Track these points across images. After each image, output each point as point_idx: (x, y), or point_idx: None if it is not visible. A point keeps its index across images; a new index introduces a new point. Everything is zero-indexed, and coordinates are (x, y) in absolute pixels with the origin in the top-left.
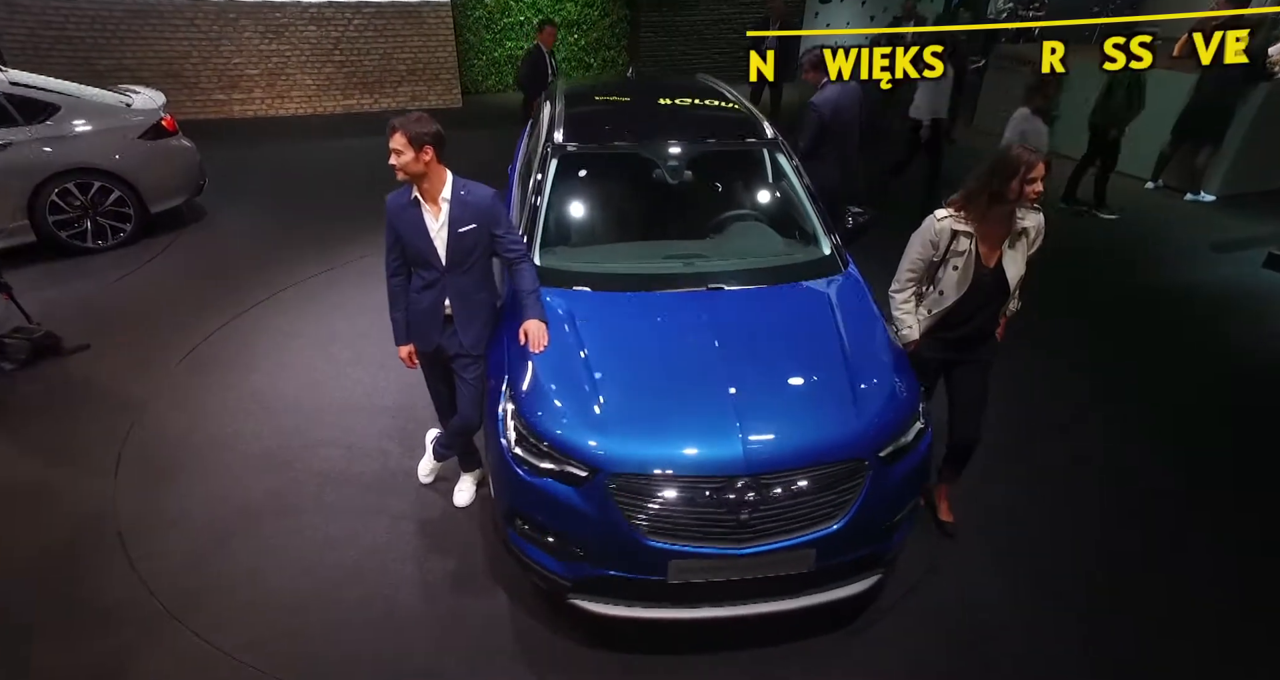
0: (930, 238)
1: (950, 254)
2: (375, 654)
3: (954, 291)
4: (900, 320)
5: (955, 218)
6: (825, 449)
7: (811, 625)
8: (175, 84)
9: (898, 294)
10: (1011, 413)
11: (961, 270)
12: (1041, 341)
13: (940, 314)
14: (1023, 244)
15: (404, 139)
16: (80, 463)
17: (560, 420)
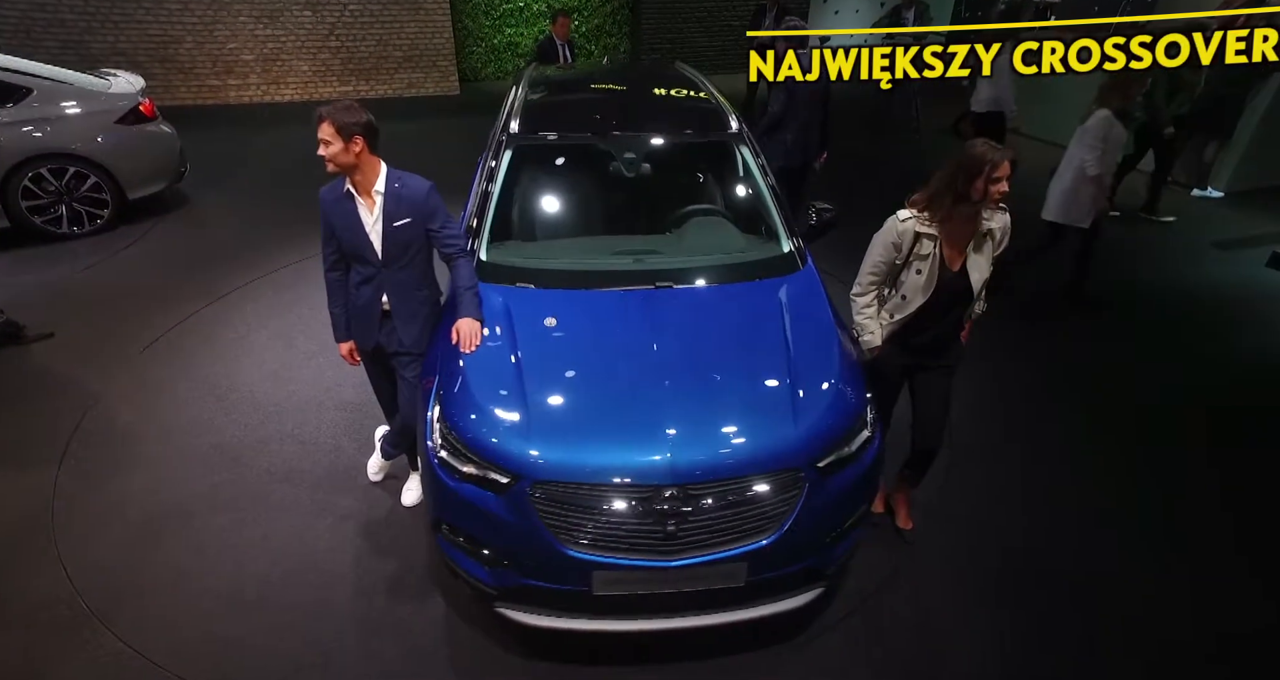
0: (892, 240)
1: (913, 257)
2: (297, 660)
3: (917, 296)
4: (862, 325)
5: (918, 219)
6: (758, 459)
7: (753, 639)
8: (169, 69)
9: (859, 298)
10: (989, 414)
11: (925, 274)
12: (1021, 344)
13: (904, 320)
14: (988, 246)
15: (331, 129)
16: (26, 453)
17: (483, 424)
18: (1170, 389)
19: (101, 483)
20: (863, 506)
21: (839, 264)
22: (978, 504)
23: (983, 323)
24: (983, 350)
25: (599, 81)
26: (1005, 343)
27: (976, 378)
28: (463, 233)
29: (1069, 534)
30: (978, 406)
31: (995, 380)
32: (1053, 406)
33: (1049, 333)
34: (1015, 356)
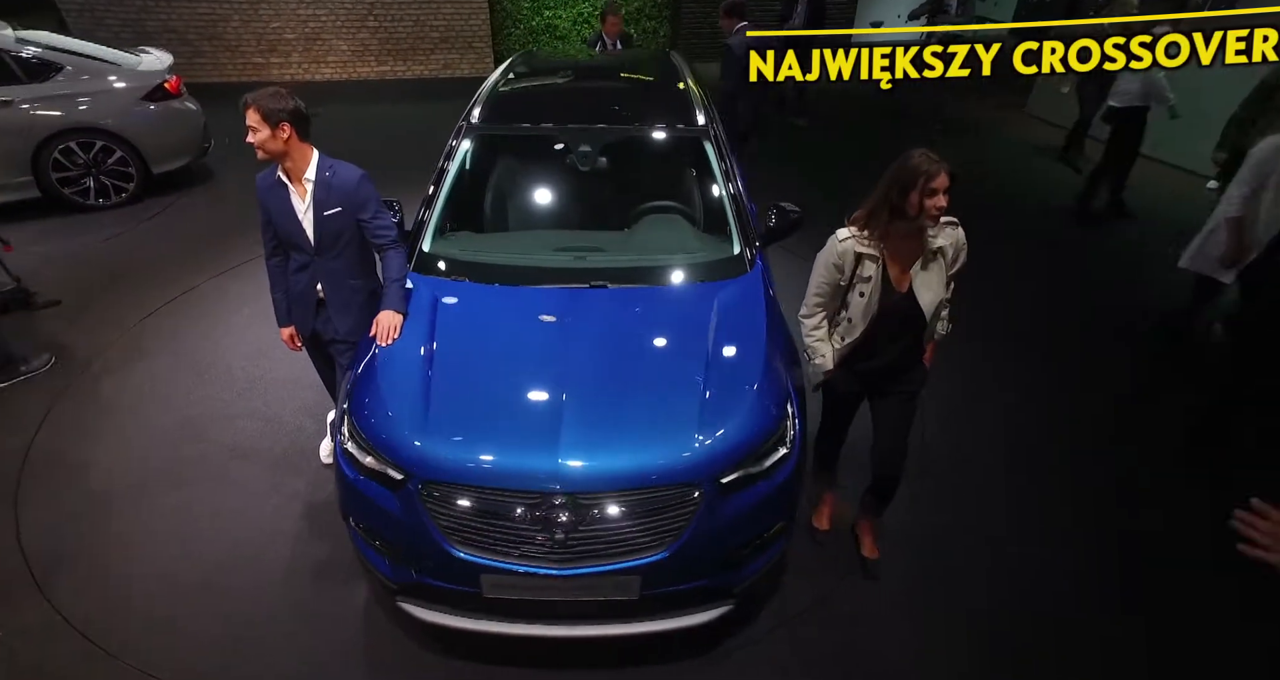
0: (833, 260)
1: (856, 279)
2: (216, 639)
3: (861, 320)
4: (812, 348)
5: (858, 238)
6: (652, 471)
7: (665, 650)
8: (217, 46)
9: (807, 320)
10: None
11: (868, 297)
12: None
13: (852, 344)
14: (938, 264)
15: (257, 116)
16: (10, 416)
17: (383, 420)
18: (1160, 412)
19: (73, 450)
20: (778, 524)
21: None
22: (938, 529)
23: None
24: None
25: (579, 72)
26: (960, 362)
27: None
28: (394, 224)
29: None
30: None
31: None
32: (1010, 426)
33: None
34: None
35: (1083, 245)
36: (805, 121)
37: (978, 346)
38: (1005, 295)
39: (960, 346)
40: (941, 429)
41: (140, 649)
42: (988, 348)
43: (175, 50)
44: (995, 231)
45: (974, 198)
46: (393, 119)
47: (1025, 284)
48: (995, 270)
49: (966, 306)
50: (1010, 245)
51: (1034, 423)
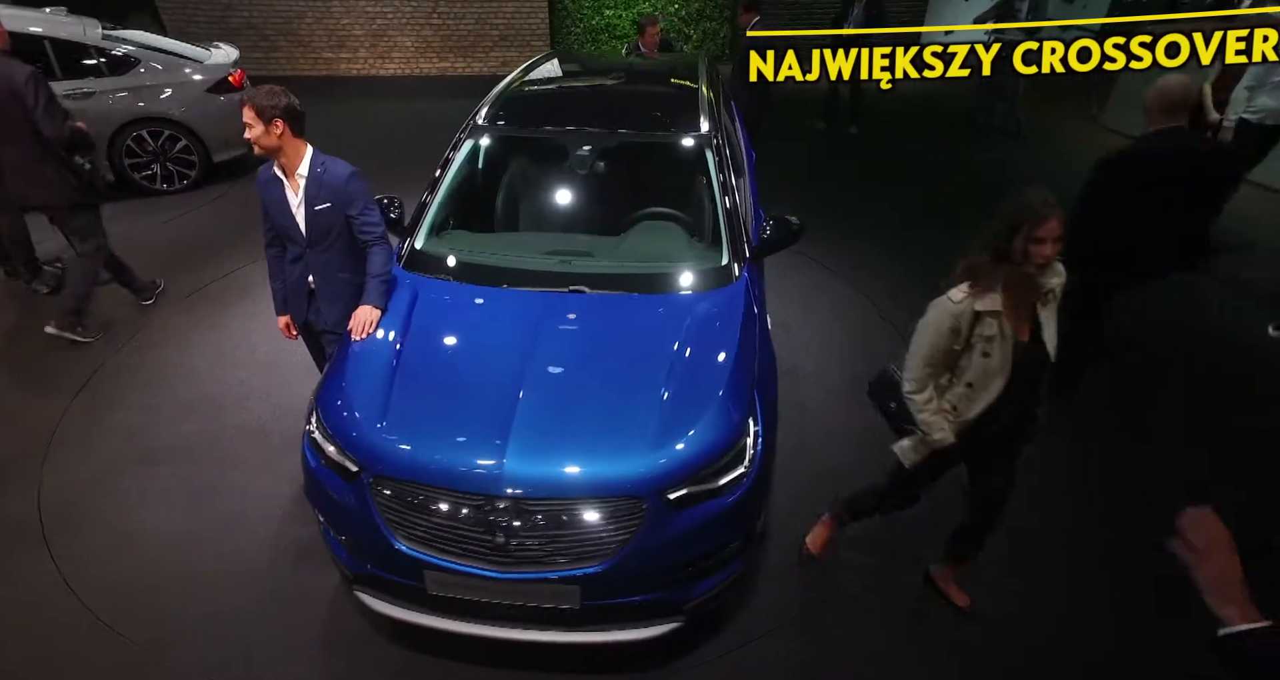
0: (948, 325)
1: (976, 339)
2: (189, 608)
3: (991, 382)
4: (928, 424)
5: (974, 296)
6: (597, 482)
7: (615, 662)
8: (291, 42)
9: (916, 396)
10: None
11: (998, 357)
12: None
13: (979, 410)
14: (1051, 303)
15: (252, 112)
16: (54, 382)
17: (344, 412)
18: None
19: (103, 417)
20: (731, 544)
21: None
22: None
23: None
24: None
25: (596, 74)
26: None
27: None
28: (380, 221)
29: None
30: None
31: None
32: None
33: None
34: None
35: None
36: (857, 128)
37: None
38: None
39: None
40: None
41: (119, 610)
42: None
43: (254, 45)
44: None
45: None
46: (449, 115)
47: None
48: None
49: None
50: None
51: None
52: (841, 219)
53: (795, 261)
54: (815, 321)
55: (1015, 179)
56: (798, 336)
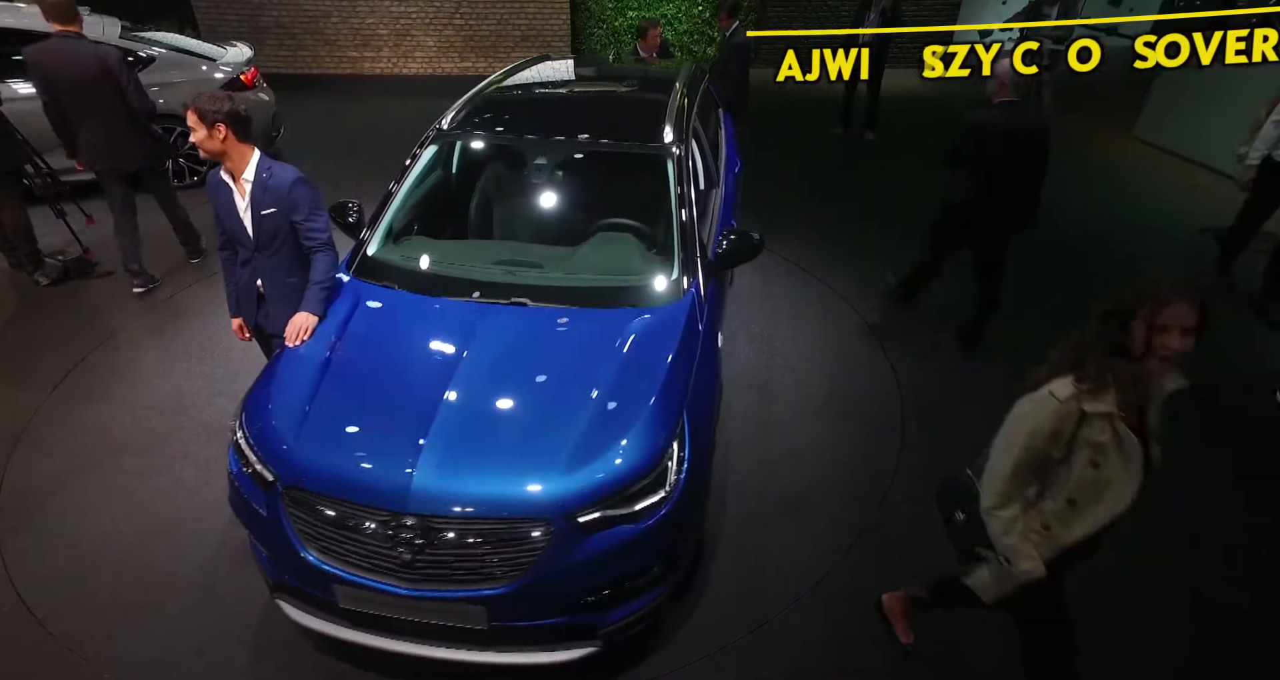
0: (1050, 427)
1: (1081, 445)
2: (121, 603)
3: (1100, 499)
4: (1013, 550)
5: (1084, 393)
6: (504, 502)
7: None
8: (318, 40)
9: (1000, 512)
10: None
11: (1109, 467)
12: None
13: (1082, 537)
14: (1158, 405)
15: (194, 117)
16: (34, 374)
17: (266, 420)
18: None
19: (76, 411)
20: (651, 570)
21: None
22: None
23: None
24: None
25: (574, 81)
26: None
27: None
28: (326, 227)
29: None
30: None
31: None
32: None
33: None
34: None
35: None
36: (873, 134)
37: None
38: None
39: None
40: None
41: (52, 603)
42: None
43: (281, 43)
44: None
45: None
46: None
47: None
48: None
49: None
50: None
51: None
52: (843, 230)
53: (787, 271)
54: (801, 335)
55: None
56: (779, 349)
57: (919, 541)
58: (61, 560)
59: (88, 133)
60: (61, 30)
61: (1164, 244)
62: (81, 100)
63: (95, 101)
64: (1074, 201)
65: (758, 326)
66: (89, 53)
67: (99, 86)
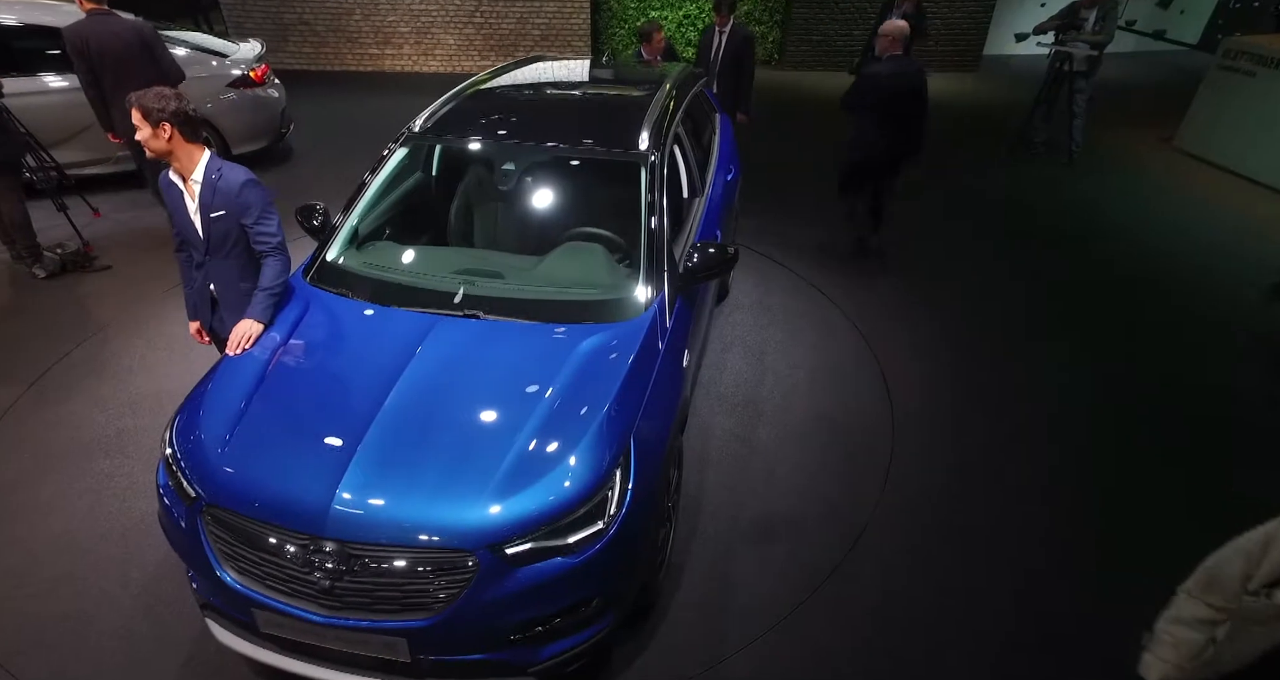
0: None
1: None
2: (59, 617)
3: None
4: (1164, 645)
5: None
6: (425, 529)
7: None
8: (340, 37)
9: (1185, 600)
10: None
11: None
12: None
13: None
14: None
15: (139, 114)
16: (11, 369)
17: (192, 433)
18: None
19: (51, 409)
20: (590, 604)
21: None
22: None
23: None
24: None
25: (558, 83)
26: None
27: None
28: (277, 231)
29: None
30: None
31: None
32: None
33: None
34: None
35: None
36: None
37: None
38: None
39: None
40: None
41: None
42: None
43: (304, 40)
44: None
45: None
46: None
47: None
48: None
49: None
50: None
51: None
52: (852, 246)
53: (791, 284)
54: (796, 353)
55: (1067, 208)
56: (771, 366)
57: (891, 587)
58: (10, 561)
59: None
60: (93, 9)
61: (1207, 259)
62: (121, 73)
63: (133, 73)
64: (1115, 211)
65: (751, 339)
66: (127, 26)
67: (137, 59)
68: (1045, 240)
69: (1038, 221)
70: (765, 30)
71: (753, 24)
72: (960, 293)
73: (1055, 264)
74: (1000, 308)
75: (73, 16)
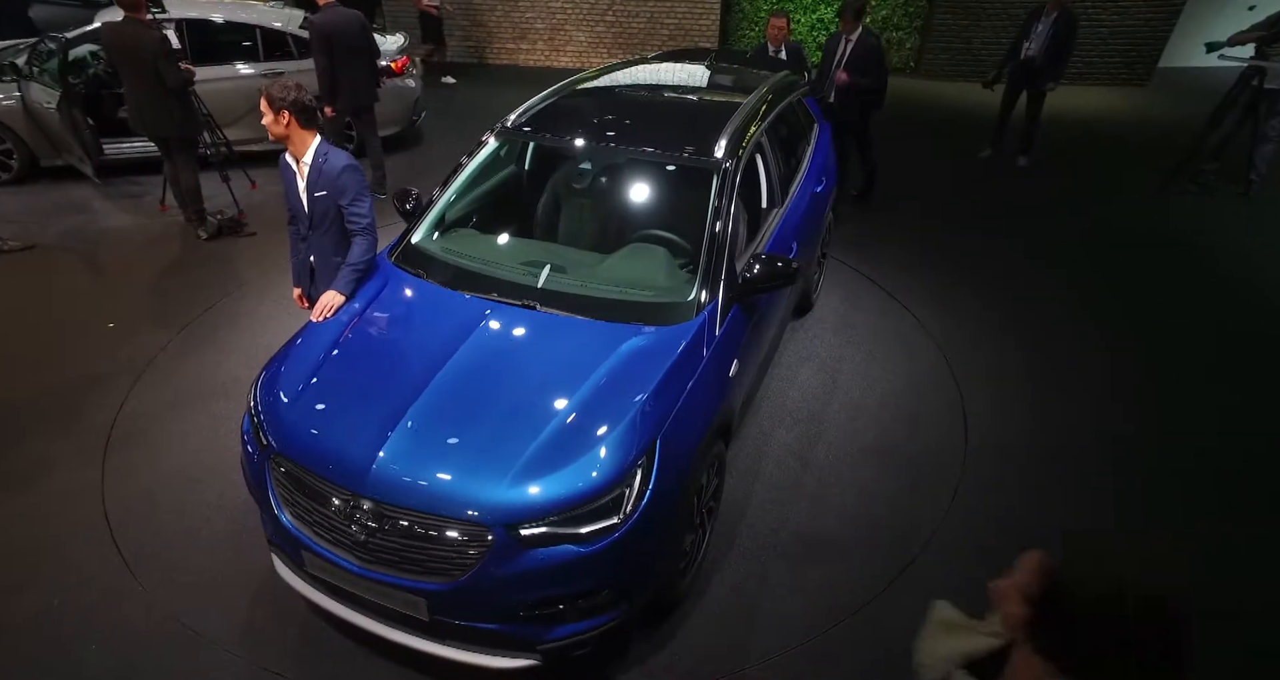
0: None
1: None
2: (180, 534)
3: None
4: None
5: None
6: (450, 502)
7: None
8: (481, 33)
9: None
10: None
11: None
12: None
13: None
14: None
15: (264, 102)
16: (167, 315)
17: (271, 389)
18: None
19: (191, 354)
20: (600, 594)
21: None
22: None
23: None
24: None
25: (652, 83)
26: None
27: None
28: (367, 213)
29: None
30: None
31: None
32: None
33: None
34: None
35: None
36: (1027, 160)
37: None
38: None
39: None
40: None
41: (126, 517)
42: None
43: (449, 33)
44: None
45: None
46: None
47: None
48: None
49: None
50: None
51: None
52: (957, 267)
53: (880, 303)
54: (872, 374)
55: (1235, 245)
56: (843, 385)
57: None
58: (144, 481)
59: (348, 81)
60: (327, 2)
61: None
62: (348, 55)
63: (357, 54)
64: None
65: (827, 355)
66: (351, 15)
67: (359, 42)
68: (1201, 283)
69: (1195, 260)
70: (903, 36)
71: (890, 30)
72: (1075, 336)
73: (1209, 311)
74: (1123, 360)
75: (266, 15)
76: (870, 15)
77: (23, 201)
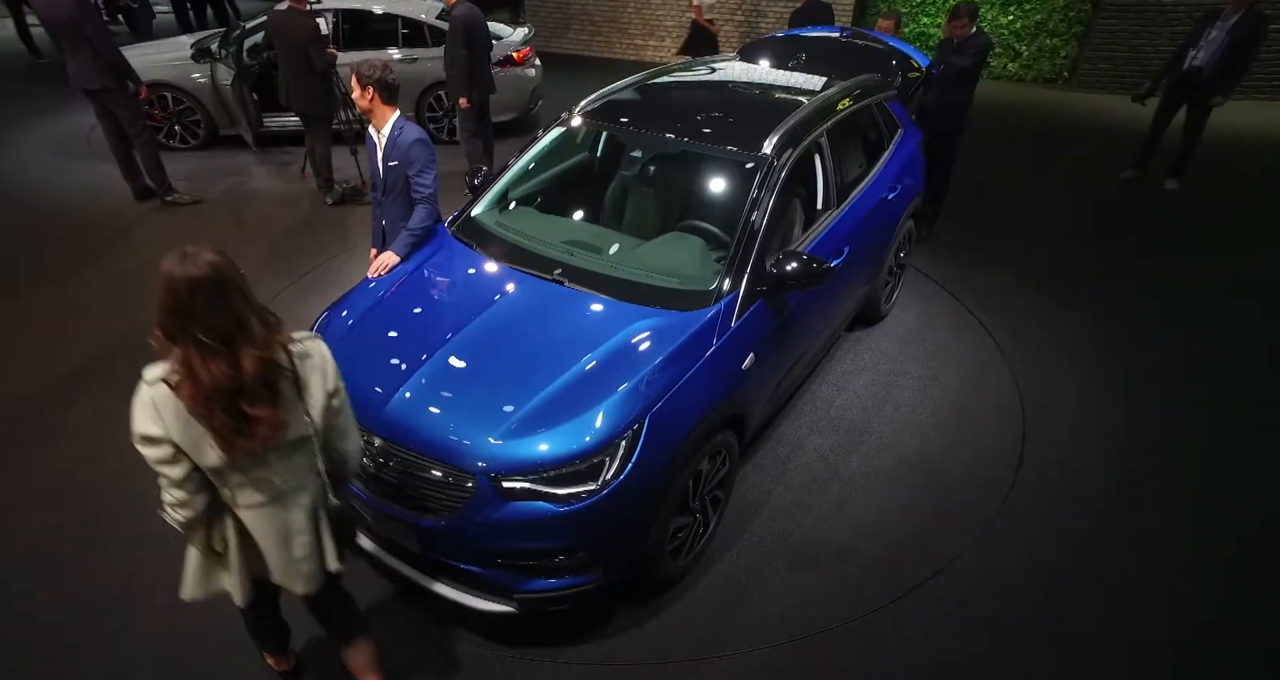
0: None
1: None
2: None
3: None
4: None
5: None
6: (442, 447)
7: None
8: (612, 28)
9: None
10: None
11: None
12: None
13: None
14: None
15: (355, 78)
16: (285, 268)
17: (325, 330)
18: None
19: (301, 301)
20: (573, 555)
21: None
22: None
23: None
24: None
25: (728, 80)
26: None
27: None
28: (430, 184)
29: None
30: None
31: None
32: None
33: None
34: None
35: None
36: (1177, 183)
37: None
38: None
39: None
40: None
41: None
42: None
43: (583, 28)
44: None
45: None
46: None
47: None
48: None
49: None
50: None
51: None
52: (1059, 297)
53: (957, 321)
54: (930, 392)
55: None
56: (895, 400)
57: (921, 654)
58: None
59: (458, 71)
60: (459, 1)
61: None
62: (484, 47)
63: (488, 48)
64: None
65: (885, 368)
66: (479, 11)
67: (487, 35)
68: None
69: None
70: (1059, 43)
71: (1045, 36)
72: (1184, 398)
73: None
74: (1230, 428)
75: (415, 7)
76: (1021, 18)
77: (201, 163)
